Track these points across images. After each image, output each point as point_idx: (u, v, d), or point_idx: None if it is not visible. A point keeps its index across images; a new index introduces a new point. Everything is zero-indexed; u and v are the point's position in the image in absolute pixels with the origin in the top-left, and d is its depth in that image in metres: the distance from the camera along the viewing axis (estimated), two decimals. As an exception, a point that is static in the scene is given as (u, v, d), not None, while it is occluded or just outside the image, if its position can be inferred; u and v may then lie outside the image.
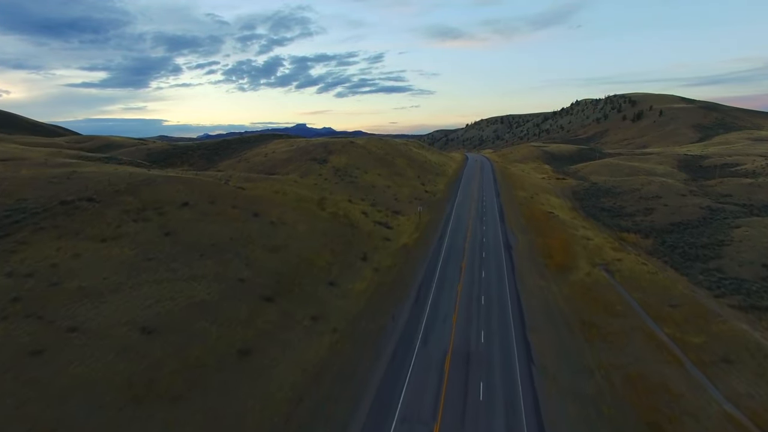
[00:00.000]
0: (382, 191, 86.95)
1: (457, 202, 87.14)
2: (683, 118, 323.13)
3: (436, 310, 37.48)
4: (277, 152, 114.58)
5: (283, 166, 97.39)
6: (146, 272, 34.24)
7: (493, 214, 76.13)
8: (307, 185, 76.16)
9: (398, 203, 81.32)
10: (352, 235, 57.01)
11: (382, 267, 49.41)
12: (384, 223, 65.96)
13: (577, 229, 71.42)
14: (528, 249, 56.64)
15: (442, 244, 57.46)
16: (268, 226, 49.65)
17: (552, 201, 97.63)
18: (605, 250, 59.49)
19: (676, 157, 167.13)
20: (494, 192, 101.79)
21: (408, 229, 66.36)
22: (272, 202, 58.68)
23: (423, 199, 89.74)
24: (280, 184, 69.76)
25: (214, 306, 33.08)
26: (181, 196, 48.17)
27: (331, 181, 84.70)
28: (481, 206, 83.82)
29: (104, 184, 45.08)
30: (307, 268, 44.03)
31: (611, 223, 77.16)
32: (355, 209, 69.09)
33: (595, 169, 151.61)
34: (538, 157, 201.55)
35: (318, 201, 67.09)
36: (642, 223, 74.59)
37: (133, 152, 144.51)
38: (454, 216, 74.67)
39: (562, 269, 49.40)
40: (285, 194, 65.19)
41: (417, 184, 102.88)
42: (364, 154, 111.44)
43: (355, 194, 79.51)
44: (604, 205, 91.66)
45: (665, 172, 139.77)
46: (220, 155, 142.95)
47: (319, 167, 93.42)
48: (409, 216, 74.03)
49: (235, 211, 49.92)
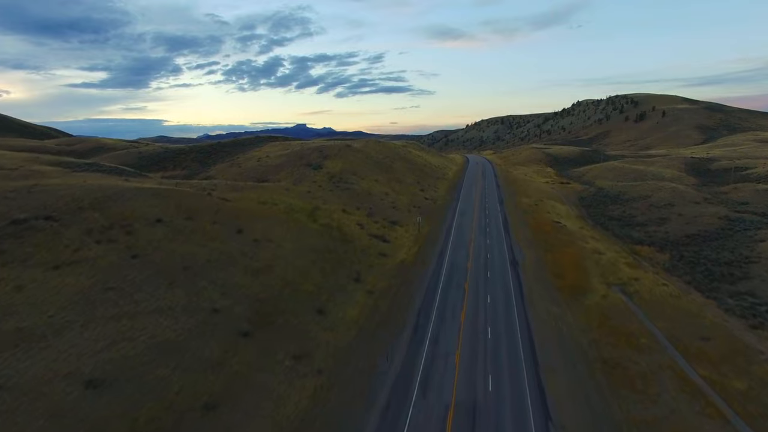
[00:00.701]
0: (380, 199, 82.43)
1: (459, 211, 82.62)
2: (687, 119, 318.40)
3: (436, 346, 32.95)
4: (271, 156, 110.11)
5: (276, 172, 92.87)
6: (103, 306, 29.72)
7: (497, 225, 71.61)
8: (299, 193, 71.64)
9: (396, 212, 76.81)
10: (345, 252, 52.50)
11: (377, 289, 44.88)
12: (381, 236, 61.43)
13: (587, 241, 66.91)
14: (536, 266, 52.10)
15: (443, 261, 52.94)
16: (251, 244, 45.11)
17: (558, 208, 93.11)
18: (619, 266, 54.98)
19: (683, 160, 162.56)
20: (497, 199, 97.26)
21: (406, 242, 61.84)
22: (258, 215, 54.15)
23: (423, 206, 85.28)
24: (269, 194, 65.23)
25: (181, 346, 28.58)
26: (154, 211, 43.64)
27: (325, 189, 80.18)
28: (484, 215, 79.30)
29: (67, 199, 40.54)
30: (292, 294, 39.51)
31: (622, 234, 72.61)
32: (350, 220, 64.58)
33: (600, 172, 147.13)
34: (540, 159, 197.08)
35: (310, 212, 62.59)
36: (655, 234, 70.01)
37: (124, 155, 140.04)
38: (455, 227, 70.16)
39: (575, 291, 44.85)
40: (274, 205, 60.66)
41: (416, 190, 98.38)
42: (361, 158, 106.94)
43: (351, 203, 75.02)
44: (612, 213, 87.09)
45: (673, 176, 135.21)
46: (213, 158, 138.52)
47: (313, 173, 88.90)
48: (407, 227, 69.53)
49: (215, 227, 45.39)
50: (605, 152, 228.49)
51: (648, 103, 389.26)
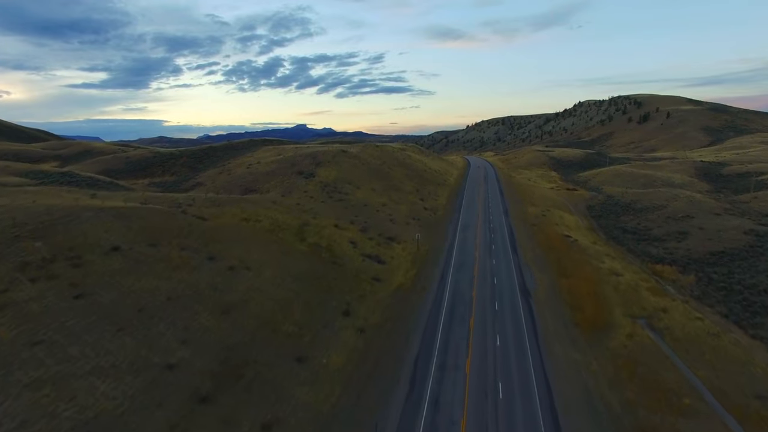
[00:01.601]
0: (376, 211, 76.59)
1: (461, 224, 76.77)
2: (692, 121, 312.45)
3: (437, 412, 27.11)
4: (262, 163, 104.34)
5: (266, 181, 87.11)
6: (23, 368, 23.91)
7: (503, 241, 65.75)
8: (287, 207, 65.82)
9: (394, 226, 70.97)
10: (335, 278, 46.66)
11: (369, 325, 39.05)
12: (375, 256, 55.60)
13: (602, 260, 61.06)
14: (550, 296, 46.23)
15: (445, 287, 47.09)
16: (225, 273, 39.29)
17: (567, 219, 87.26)
18: (641, 292, 49.16)
19: (692, 164, 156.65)
20: (502, 208, 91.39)
21: (404, 263, 55.99)
22: (238, 235, 48.34)
23: (422, 218, 79.46)
24: (253, 208, 59.44)
25: (116, 423, 22.77)
26: (112, 237, 37.82)
27: (317, 200, 74.36)
28: (489, 229, 73.44)
29: (5, 224, 34.73)
30: (268, 337, 33.71)
31: (638, 250, 66.74)
32: (342, 238, 58.76)
33: (607, 178, 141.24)
34: (544, 163, 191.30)
35: (297, 229, 56.79)
36: (676, 251, 64.16)
37: (111, 160, 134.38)
38: (457, 243, 64.31)
39: (596, 328, 39.00)
40: (257, 222, 54.86)
41: (416, 199, 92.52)
42: (357, 165, 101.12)
43: (344, 216, 69.20)
44: (626, 225, 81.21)
45: (684, 182, 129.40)
46: (205, 163, 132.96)
47: (305, 182, 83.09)
48: (405, 243, 63.69)
49: (184, 254, 39.56)
50: (610, 155, 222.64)
51: (651, 104, 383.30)
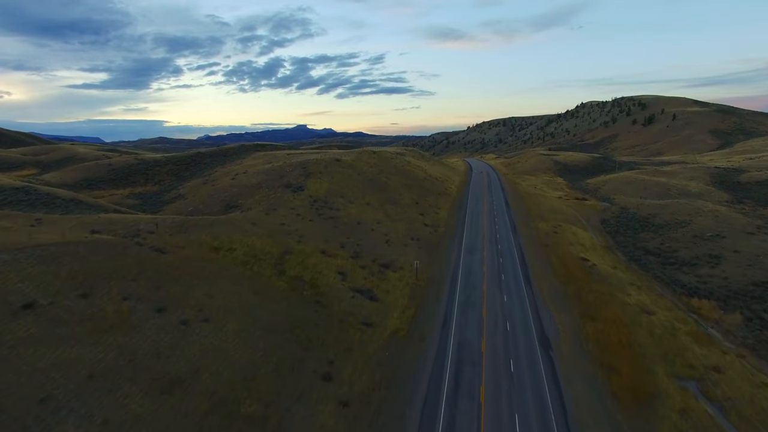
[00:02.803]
0: (371, 230, 68.84)
1: (465, 244, 68.95)
2: (699, 123, 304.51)
3: None
4: (249, 173, 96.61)
5: (250, 194, 79.35)
6: None
7: (513, 268, 57.94)
8: (269, 229, 58.08)
9: (390, 249, 63.22)
10: (317, 324, 38.88)
11: (354, 395, 31.27)
12: (367, 291, 47.82)
13: (627, 291, 53.34)
14: (575, 348, 38.42)
15: (448, 338, 39.28)
16: (176, 331, 31.52)
17: (580, 236, 79.50)
18: (681, 337, 41.44)
19: (707, 171, 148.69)
20: (509, 224, 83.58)
21: (400, 298, 48.19)
22: (202, 272, 40.57)
23: (422, 237, 71.66)
24: (228, 233, 51.67)
25: None
26: (28, 288, 30.05)
27: (304, 218, 66.62)
28: (496, 250, 65.65)
29: None
30: (221, 424, 25.92)
31: (666, 277, 58.98)
32: (330, 267, 51.02)
33: (617, 186, 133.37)
34: (549, 168, 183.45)
35: (277, 258, 49.06)
36: (711, 280, 56.38)
37: (93, 168, 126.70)
38: (462, 271, 56.51)
39: (638, 399, 31.23)
40: (230, 251, 47.12)
41: (415, 214, 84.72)
42: (351, 175, 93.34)
43: (334, 238, 61.47)
44: (647, 244, 73.38)
45: (701, 191, 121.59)
46: (191, 171, 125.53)
47: (292, 197, 75.30)
48: (403, 270, 55.94)
49: (125, 306, 31.79)
50: (617, 159, 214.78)
51: (656, 106, 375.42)
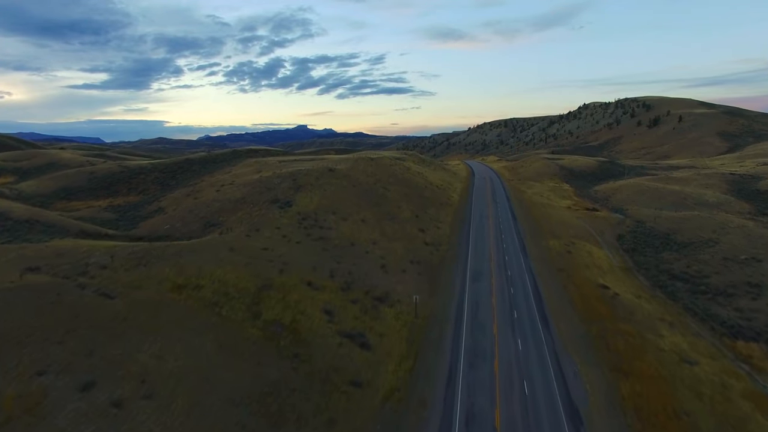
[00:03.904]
0: (365, 252, 61.72)
1: (471, 270, 61.78)
2: (706, 125, 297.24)
3: None
4: (236, 184, 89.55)
5: (232, 211, 72.26)
6: None
7: (527, 303, 50.74)
8: (249, 255, 50.96)
9: (386, 276, 56.13)
10: (294, 389, 31.72)
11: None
12: (358, 335, 40.67)
13: (658, 330, 46.22)
14: (612, 421, 31.24)
15: (454, 404, 32.13)
16: (102, 417, 24.31)
17: (596, 256, 72.37)
18: (737, 401, 34.38)
19: (721, 177, 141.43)
20: (518, 242, 76.39)
21: (396, 345, 41.04)
22: (155, 322, 33.42)
23: (422, 260, 64.52)
24: (198, 263, 44.54)
25: None
26: None
27: (290, 240, 59.49)
28: (506, 279, 58.49)
29: None
30: None
31: (699, 310, 51.83)
32: (315, 305, 43.87)
33: (629, 195, 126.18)
34: (554, 173, 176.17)
35: (254, 296, 41.94)
36: (755, 315, 49.20)
37: (73, 176, 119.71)
38: (468, 307, 49.34)
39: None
40: (196, 289, 40.00)
41: (414, 230, 77.57)
42: (345, 187, 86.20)
43: (323, 264, 54.37)
44: (672, 267, 66.17)
45: (719, 201, 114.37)
46: (177, 179, 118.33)
47: (278, 214, 68.15)
48: (400, 304, 48.84)
49: (37, 385, 24.64)
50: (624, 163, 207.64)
51: (661, 107, 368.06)
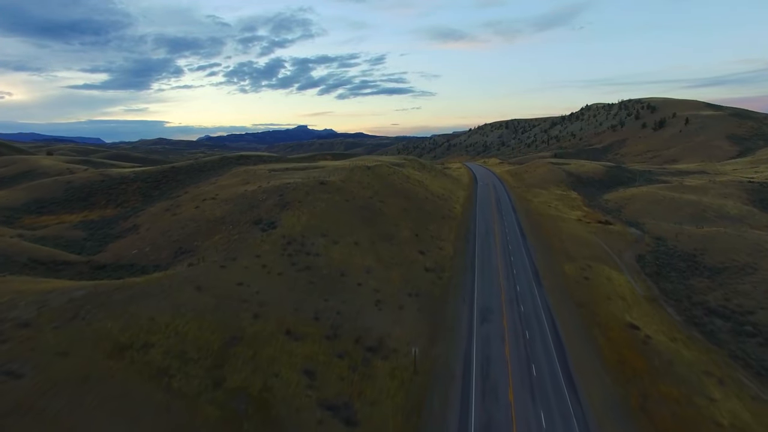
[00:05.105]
0: (357, 284, 53.90)
1: (478, 304, 53.96)
2: (714, 127, 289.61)
3: None
4: (218, 199, 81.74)
5: (209, 234, 64.45)
6: None
7: (547, 353, 42.85)
8: (219, 294, 43.13)
9: (380, 314, 48.33)
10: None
11: None
12: (343, 405, 32.84)
13: (707, 391, 38.44)
14: None
15: None
16: None
17: (616, 283, 64.54)
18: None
19: (740, 186, 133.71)
20: (529, 266, 68.52)
21: (391, 418, 33.18)
22: (76, 408, 25.54)
23: (422, 291, 56.73)
24: (152, 311, 36.71)
25: None
26: None
27: (271, 272, 51.64)
28: (519, 315, 50.73)
29: None
30: None
31: (751, 358, 44.02)
32: (293, 363, 36.08)
33: (643, 206, 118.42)
34: (561, 180, 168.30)
35: (217, 354, 34.14)
36: (817, 369, 41.39)
37: (50, 185, 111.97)
38: (477, 358, 41.47)
39: None
40: (143, 351, 32.19)
41: (414, 252, 69.75)
42: (338, 203, 78.33)
43: (307, 303, 46.58)
44: (706, 298, 58.33)
45: (741, 214, 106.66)
46: (160, 190, 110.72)
47: (260, 238, 60.31)
48: (396, 355, 41.04)
49: None
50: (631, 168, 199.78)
51: (666, 109, 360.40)
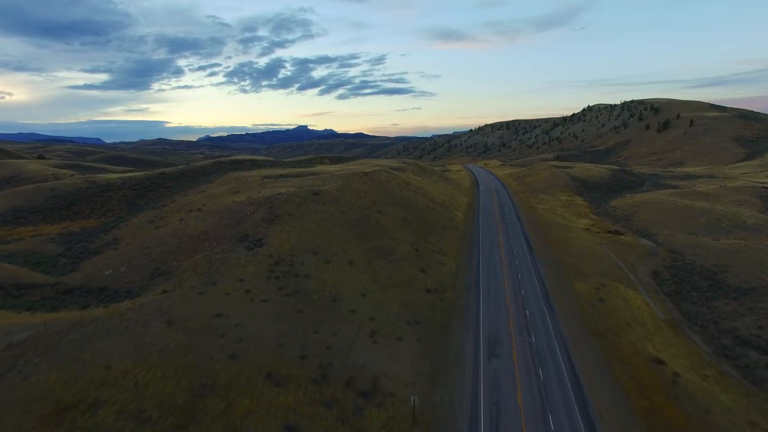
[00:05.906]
0: (350, 311, 48.66)
1: (484, 335, 48.63)
2: (720, 129, 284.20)
3: None
4: (204, 211, 76.49)
5: (190, 252, 59.23)
6: None
7: (565, 396, 37.69)
8: (192, 329, 37.90)
9: (375, 348, 43.08)
10: None
11: None
12: (328, 478, 27.58)
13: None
14: None
15: None
16: None
17: (634, 306, 59.29)
18: None
19: (754, 192, 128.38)
20: (538, 286, 63.27)
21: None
22: None
23: (422, 318, 51.46)
24: (110, 355, 31.50)
25: None
26: None
27: (255, 299, 46.39)
28: (531, 349, 45.47)
29: None
30: None
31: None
32: (272, 417, 30.87)
33: (654, 214, 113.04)
34: (565, 184, 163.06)
35: (182, 411, 29.04)
36: None
37: (31, 193, 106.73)
38: (485, 407, 36.22)
39: None
40: (90, 413, 27.11)
41: (414, 270, 64.47)
42: (332, 215, 73.08)
43: (293, 338, 41.34)
44: (736, 325, 53.09)
45: (758, 223, 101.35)
46: (147, 198, 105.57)
47: (245, 257, 55.09)
48: (393, 401, 35.80)
49: None
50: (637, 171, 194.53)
51: (670, 110, 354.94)
